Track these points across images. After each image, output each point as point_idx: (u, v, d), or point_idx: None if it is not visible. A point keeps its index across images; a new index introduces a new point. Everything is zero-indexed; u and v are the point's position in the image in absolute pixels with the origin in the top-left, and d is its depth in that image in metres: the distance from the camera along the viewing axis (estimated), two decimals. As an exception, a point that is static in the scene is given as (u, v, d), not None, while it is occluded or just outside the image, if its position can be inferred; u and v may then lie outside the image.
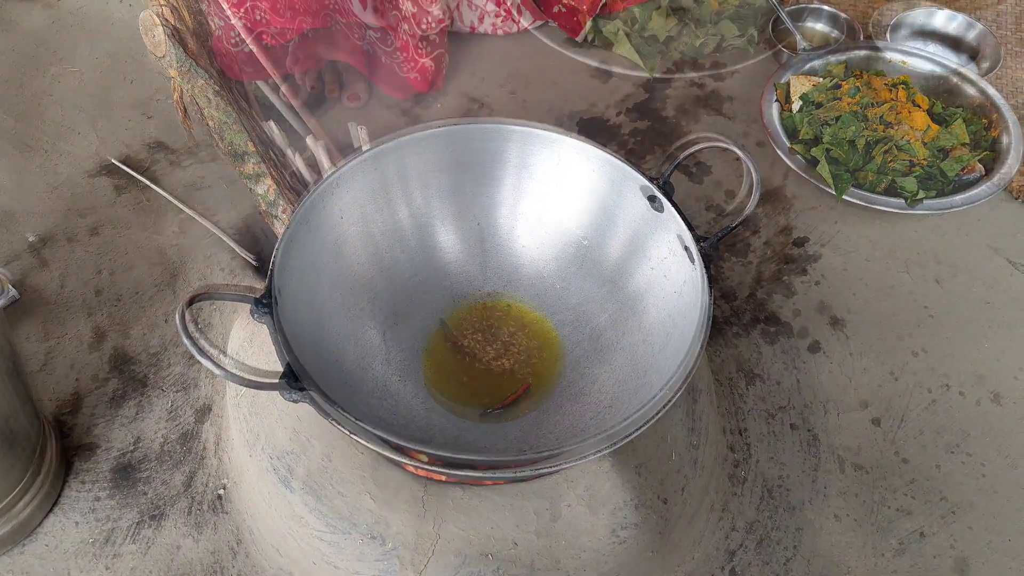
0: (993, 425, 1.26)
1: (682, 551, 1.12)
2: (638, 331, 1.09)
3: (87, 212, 1.47)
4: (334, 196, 1.06)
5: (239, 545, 1.13)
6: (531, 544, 0.97)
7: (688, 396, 1.12)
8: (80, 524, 1.13)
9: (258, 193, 1.24)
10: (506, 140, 1.13)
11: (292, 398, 0.85)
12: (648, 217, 1.08)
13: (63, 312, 1.34)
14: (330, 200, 1.05)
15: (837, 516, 1.18)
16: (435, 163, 1.14)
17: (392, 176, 1.11)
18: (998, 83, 1.71)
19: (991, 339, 1.36)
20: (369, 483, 0.99)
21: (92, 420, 1.23)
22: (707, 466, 1.14)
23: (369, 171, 1.09)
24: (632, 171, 1.07)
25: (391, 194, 1.12)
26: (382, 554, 0.97)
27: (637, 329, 1.09)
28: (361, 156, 1.07)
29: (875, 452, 1.24)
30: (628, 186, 1.08)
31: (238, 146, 1.22)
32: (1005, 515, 1.18)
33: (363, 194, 1.09)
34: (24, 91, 1.68)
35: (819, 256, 1.47)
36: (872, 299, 1.41)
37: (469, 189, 1.17)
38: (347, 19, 1.50)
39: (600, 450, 0.85)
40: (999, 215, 1.52)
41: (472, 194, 1.17)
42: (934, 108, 1.58)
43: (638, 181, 1.06)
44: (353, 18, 1.49)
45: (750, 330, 1.37)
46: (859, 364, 1.33)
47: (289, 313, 0.95)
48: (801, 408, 1.28)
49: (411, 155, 1.11)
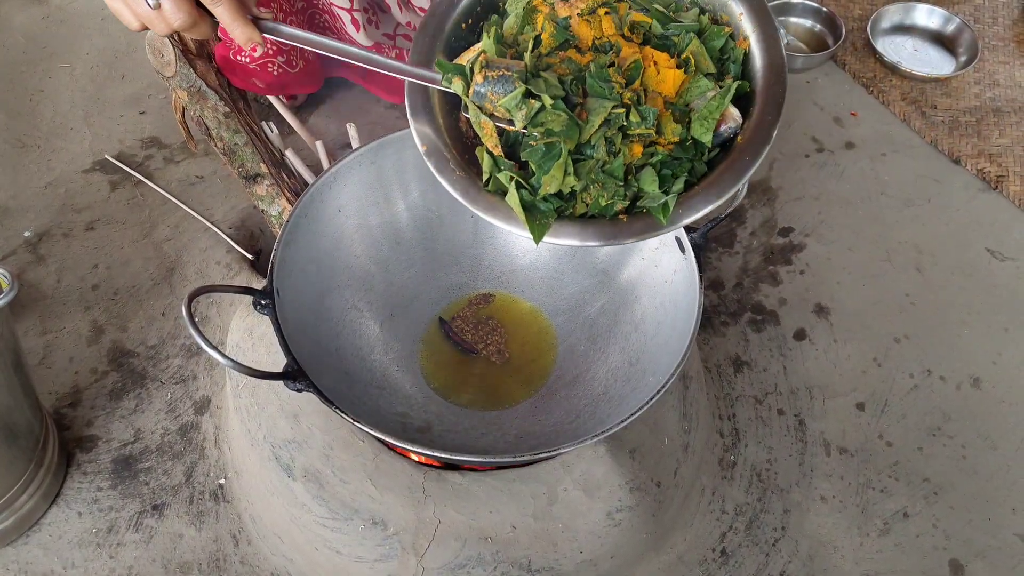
0: (973, 409, 1.30)
1: (675, 533, 1.15)
2: (630, 321, 1.12)
3: (82, 208, 1.49)
4: (332, 191, 1.08)
5: (241, 533, 1.15)
6: (529, 527, 1.00)
7: (680, 383, 1.15)
8: (83, 515, 1.15)
9: (271, 214, 1.25)
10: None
11: (295, 387, 0.87)
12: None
13: (60, 307, 1.36)
14: (328, 195, 1.07)
15: (824, 498, 1.21)
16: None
17: (389, 171, 1.13)
18: (975, 75, 1.75)
19: (971, 326, 1.40)
20: (370, 470, 1.01)
21: (92, 413, 1.24)
22: (698, 451, 1.17)
23: (366, 166, 1.11)
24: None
25: (388, 189, 1.14)
26: (383, 539, 0.99)
27: (629, 319, 1.12)
28: (358, 151, 1.09)
29: (860, 436, 1.27)
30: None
31: (250, 168, 1.22)
32: (986, 495, 1.22)
33: (361, 189, 1.11)
34: (16, 88, 1.69)
35: (804, 246, 1.50)
36: (856, 288, 1.45)
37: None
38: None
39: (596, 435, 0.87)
40: (978, 204, 1.56)
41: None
42: (652, 30, 0.88)
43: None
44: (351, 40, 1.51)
45: (737, 319, 1.40)
46: (843, 351, 1.37)
47: (289, 306, 0.97)
48: (788, 394, 1.31)
49: (408, 149, 1.13)
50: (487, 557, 0.99)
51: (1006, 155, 1.61)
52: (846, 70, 1.80)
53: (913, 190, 1.59)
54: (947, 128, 1.66)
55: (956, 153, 1.63)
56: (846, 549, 1.17)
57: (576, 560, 1.01)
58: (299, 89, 1.55)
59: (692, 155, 0.84)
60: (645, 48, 0.85)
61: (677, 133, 0.83)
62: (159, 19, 0.83)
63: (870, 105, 1.74)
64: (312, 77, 1.55)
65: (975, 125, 1.67)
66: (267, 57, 1.38)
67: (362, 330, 1.13)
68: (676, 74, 0.83)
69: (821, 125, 1.70)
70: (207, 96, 1.20)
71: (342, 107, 1.64)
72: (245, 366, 0.83)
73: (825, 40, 1.83)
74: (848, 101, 1.75)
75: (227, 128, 1.21)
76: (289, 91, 1.53)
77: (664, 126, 0.83)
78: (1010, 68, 1.77)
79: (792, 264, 1.48)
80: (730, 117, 0.84)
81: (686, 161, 0.84)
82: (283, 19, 1.39)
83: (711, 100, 0.83)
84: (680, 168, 0.84)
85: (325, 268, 1.09)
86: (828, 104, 1.74)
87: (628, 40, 0.85)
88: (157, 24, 0.84)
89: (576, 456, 1.03)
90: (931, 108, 1.70)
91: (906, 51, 1.82)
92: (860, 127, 1.70)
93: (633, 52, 0.84)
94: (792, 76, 1.79)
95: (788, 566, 1.15)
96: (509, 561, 0.99)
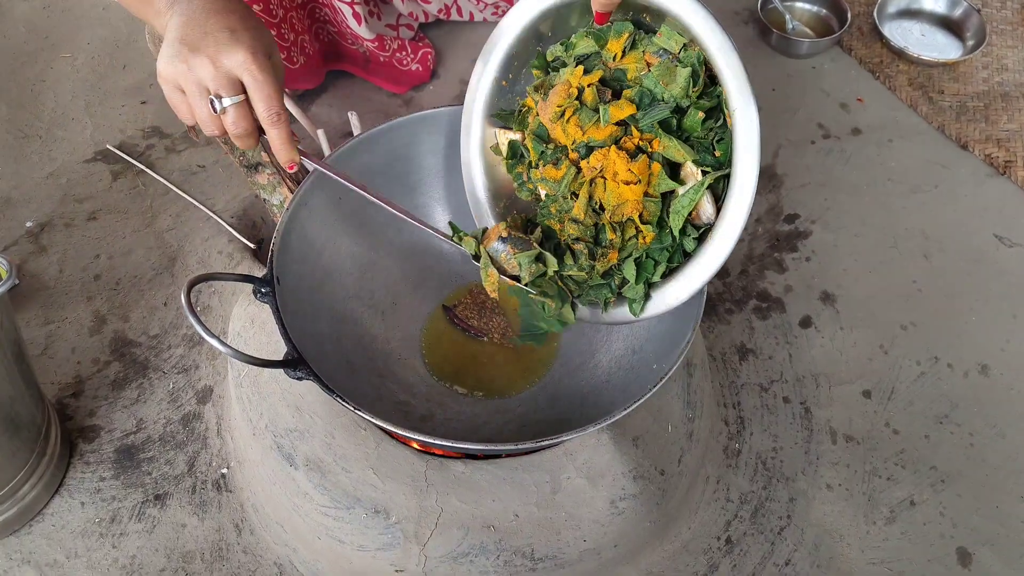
0: (980, 396, 1.29)
1: (679, 521, 1.14)
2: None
3: (84, 198, 1.48)
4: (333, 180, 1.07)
5: (244, 522, 1.14)
6: (532, 516, 0.99)
7: (684, 371, 1.14)
8: (86, 505, 1.15)
9: (273, 203, 1.24)
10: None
11: (296, 376, 0.86)
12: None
13: (62, 297, 1.35)
14: (328, 183, 1.07)
15: (829, 486, 1.20)
16: (430, 145, 1.15)
17: (389, 158, 1.12)
18: (983, 60, 1.74)
19: (978, 312, 1.39)
20: (373, 459, 1.01)
21: (94, 403, 1.24)
22: (703, 439, 1.16)
23: (366, 154, 1.10)
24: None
25: (388, 176, 1.13)
26: (386, 528, 0.99)
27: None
28: (358, 139, 1.08)
29: (866, 423, 1.26)
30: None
31: (251, 157, 1.21)
32: (993, 483, 1.21)
33: (361, 176, 1.10)
34: (17, 78, 1.68)
35: (809, 232, 1.49)
36: (862, 274, 1.44)
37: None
38: (343, 37, 1.53)
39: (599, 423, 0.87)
40: (985, 190, 1.55)
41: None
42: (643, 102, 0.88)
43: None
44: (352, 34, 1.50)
45: (742, 306, 1.39)
46: (850, 338, 1.36)
47: (290, 295, 0.96)
48: (794, 382, 1.30)
49: (407, 137, 1.12)
50: (490, 546, 0.98)
51: (1014, 140, 1.59)
52: (852, 55, 1.78)
53: (920, 176, 1.58)
54: (954, 113, 1.65)
55: (964, 139, 1.61)
56: (852, 537, 1.16)
57: (579, 549, 1.00)
58: (299, 85, 1.55)
59: (670, 245, 0.89)
60: (611, 152, 0.87)
61: (652, 229, 0.88)
62: (215, 124, 0.85)
63: (876, 90, 1.72)
64: (312, 73, 1.54)
65: (983, 110, 1.65)
66: None
67: (364, 318, 1.12)
68: (633, 189, 0.87)
69: (827, 111, 1.69)
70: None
71: (343, 96, 1.63)
72: (245, 354, 0.82)
73: (831, 25, 1.82)
74: (854, 87, 1.73)
75: (227, 117, 1.21)
76: (289, 87, 1.52)
77: (635, 230, 0.90)
78: (1018, 52, 1.75)
79: (798, 251, 1.47)
80: (703, 212, 0.86)
81: (665, 251, 0.90)
82: (283, 15, 1.38)
83: (681, 196, 0.86)
84: (661, 256, 0.90)
85: (326, 256, 1.09)
86: (834, 90, 1.72)
87: (594, 147, 0.89)
88: (210, 126, 0.85)
89: (579, 444, 1.02)
90: (938, 93, 1.68)
91: (913, 36, 1.80)
92: (866, 113, 1.68)
93: (598, 164, 0.88)
94: (797, 62, 1.78)
95: (794, 555, 1.14)
96: (512, 550, 0.98)
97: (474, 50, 1.75)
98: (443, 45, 1.73)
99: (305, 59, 1.47)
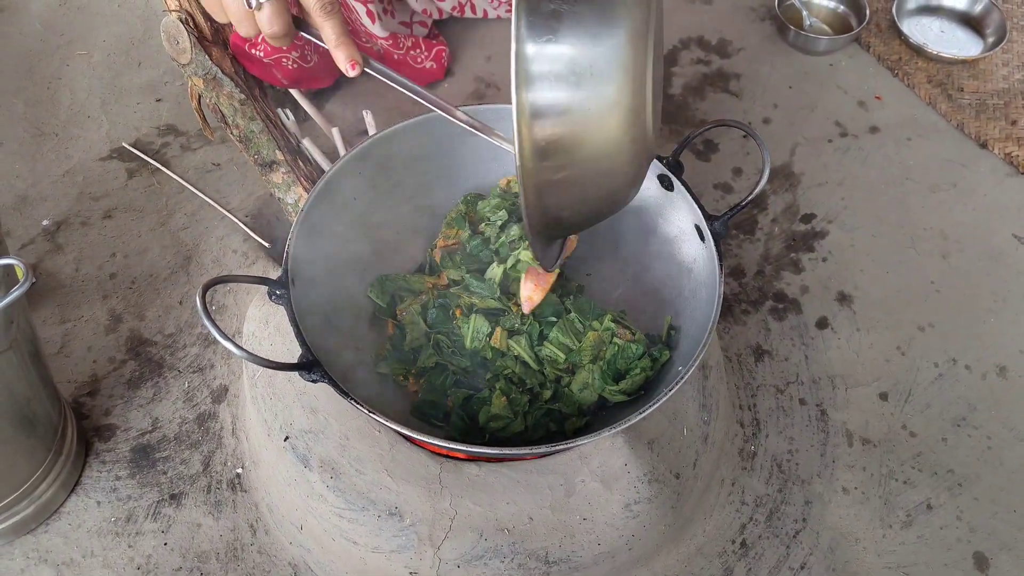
0: (999, 398, 1.28)
1: (694, 524, 1.14)
2: (650, 309, 1.10)
3: (100, 196, 1.49)
4: (346, 179, 1.07)
5: (258, 523, 1.15)
6: (546, 519, 0.99)
7: (700, 373, 1.13)
8: (102, 504, 1.15)
9: (288, 202, 1.24)
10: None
11: (310, 378, 0.86)
12: (658, 196, 1.09)
13: (79, 296, 1.36)
14: (344, 183, 1.06)
15: (845, 489, 1.20)
16: (446, 144, 1.14)
17: (403, 157, 1.12)
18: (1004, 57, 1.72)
19: (997, 313, 1.37)
20: (387, 461, 1.01)
21: (110, 402, 1.25)
22: (718, 441, 1.16)
23: (380, 153, 1.09)
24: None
25: (402, 175, 1.13)
26: (400, 530, 0.99)
27: (649, 307, 1.10)
28: (374, 138, 1.08)
29: (883, 426, 1.25)
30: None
31: (266, 155, 1.21)
32: (1011, 487, 1.20)
33: (374, 176, 1.10)
34: (34, 75, 1.69)
35: (826, 232, 1.48)
36: (879, 275, 1.42)
37: (480, 169, 1.17)
38: (357, 35, 1.52)
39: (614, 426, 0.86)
40: (1005, 189, 1.53)
41: (483, 174, 1.18)
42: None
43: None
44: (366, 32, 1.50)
45: (758, 307, 1.38)
46: (866, 339, 1.34)
47: (304, 296, 0.96)
48: (810, 384, 1.30)
49: (420, 137, 1.11)
50: (504, 549, 0.98)
51: (1035, 139, 1.58)
52: (870, 52, 1.76)
53: (939, 175, 1.56)
54: (974, 111, 1.63)
55: (983, 137, 1.59)
56: (868, 541, 1.15)
57: (594, 552, 1.00)
58: (314, 84, 1.54)
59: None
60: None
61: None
62: (250, 21, 0.79)
63: (895, 88, 1.71)
64: (327, 72, 1.53)
65: (1003, 108, 1.63)
66: (281, 52, 1.37)
67: (379, 320, 1.12)
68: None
69: (845, 109, 1.67)
70: (223, 83, 1.19)
71: (358, 93, 1.63)
72: (259, 357, 0.82)
73: (849, 22, 1.80)
74: (872, 84, 1.72)
75: (243, 115, 1.20)
76: (304, 86, 1.52)
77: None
78: (1039, 49, 1.73)
79: (814, 251, 1.46)
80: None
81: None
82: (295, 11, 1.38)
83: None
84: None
85: (341, 257, 1.08)
86: (852, 87, 1.71)
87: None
88: (245, 25, 0.80)
89: (594, 447, 1.02)
90: (957, 91, 1.67)
91: (932, 32, 1.78)
92: (885, 111, 1.67)
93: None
94: (815, 59, 1.76)
95: (809, 558, 1.14)
96: (526, 553, 0.98)
97: (488, 47, 1.76)
98: (457, 43, 1.72)
99: (319, 57, 1.47)
